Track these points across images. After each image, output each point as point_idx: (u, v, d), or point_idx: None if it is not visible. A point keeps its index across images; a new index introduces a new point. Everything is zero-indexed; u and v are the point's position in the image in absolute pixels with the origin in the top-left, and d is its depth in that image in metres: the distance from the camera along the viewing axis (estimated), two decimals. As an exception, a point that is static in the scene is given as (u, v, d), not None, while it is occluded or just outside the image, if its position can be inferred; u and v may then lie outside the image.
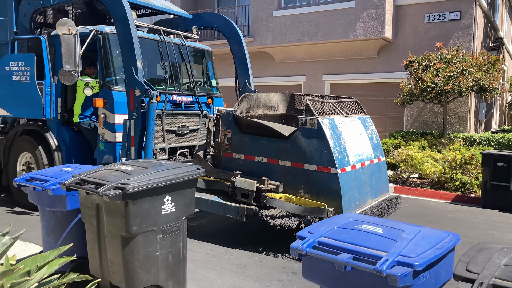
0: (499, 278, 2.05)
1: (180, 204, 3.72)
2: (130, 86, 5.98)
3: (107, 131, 6.38)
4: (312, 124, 5.21)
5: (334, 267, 2.44)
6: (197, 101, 7.45)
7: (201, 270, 4.76)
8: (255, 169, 5.61)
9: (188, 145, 7.22)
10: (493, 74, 11.07)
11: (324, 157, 5.11)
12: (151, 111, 5.85)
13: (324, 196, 5.11)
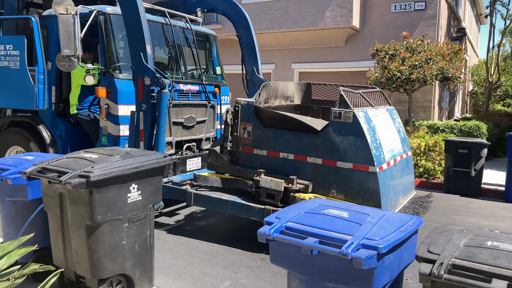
0: (458, 258, 2.12)
1: (147, 192, 3.67)
2: (138, 74, 5.35)
3: (110, 123, 5.79)
4: (347, 117, 4.69)
5: (301, 251, 2.46)
6: (204, 91, 6.81)
7: (169, 258, 4.73)
8: (279, 167, 5.11)
9: (194, 138, 6.64)
10: (456, 64, 11.38)
11: (361, 154, 4.62)
12: (163, 102, 5.23)
13: (359, 197, 4.65)
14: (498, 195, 8.14)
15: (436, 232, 2.46)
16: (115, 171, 3.34)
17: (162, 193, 5.02)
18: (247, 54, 7.26)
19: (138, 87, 5.36)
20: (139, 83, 5.35)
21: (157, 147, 5.23)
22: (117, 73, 5.82)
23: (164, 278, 4.22)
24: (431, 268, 2.08)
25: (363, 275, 2.32)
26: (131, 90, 5.66)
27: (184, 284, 4.11)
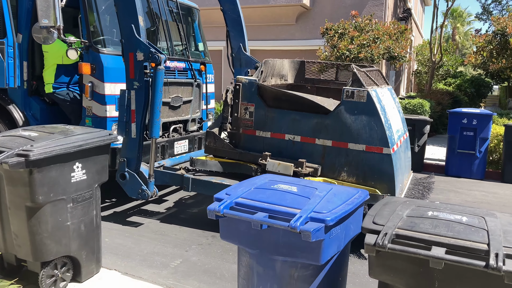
0: (401, 228, 2.20)
1: (92, 171, 3.54)
2: (129, 49, 4.78)
3: (95, 103, 5.25)
4: (360, 96, 4.45)
5: (251, 227, 2.45)
6: (190, 68, 6.40)
7: (118, 238, 4.62)
8: (285, 150, 4.84)
9: (181, 119, 6.24)
10: (402, 43, 11.71)
11: (374, 135, 4.43)
12: (158, 80, 4.72)
13: (372, 180, 4.49)
14: (439, 169, 8.56)
15: (381, 204, 2.54)
16: (56, 149, 3.18)
17: (155, 178, 4.91)
18: (233, 30, 6.75)
19: (129, 63, 4.81)
20: (130, 58, 4.80)
21: (151, 130, 4.74)
22: (102, 47, 5.28)
23: (113, 258, 4.13)
24: (375, 238, 2.15)
25: (311, 247, 2.35)
26: (118, 66, 5.21)
27: (134, 264, 4.04)
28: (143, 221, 5.17)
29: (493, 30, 11.67)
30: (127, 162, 4.85)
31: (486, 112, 8.10)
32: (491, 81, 17.79)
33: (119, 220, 5.17)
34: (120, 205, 5.72)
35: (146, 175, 4.84)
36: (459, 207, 2.45)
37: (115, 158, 5.20)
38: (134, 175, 4.83)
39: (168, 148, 5.82)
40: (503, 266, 1.88)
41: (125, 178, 4.86)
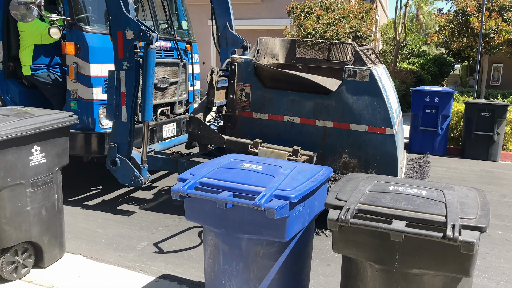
0: (363, 203, 2.23)
1: (52, 154, 3.42)
2: (117, 27, 4.45)
3: (81, 85, 4.90)
4: (363, 75, 4.34)
5: (216, 206, 2.44)
6: (176, 48, 6.08)
7: (82, 222, 4.53)
8: (283, 132, 4.69)
9: (168, 102, 5.93)
10: (367, 22, 11.81)
11: (377, 115, 4.33)
12: (150, 60, 4.43)
13: (375, 162, 4.42)
14: (403, 146, 8.76)
15: (344, 180, 2.57)
16: (12, 132, 3.06)
17: (148, 164, 4.68)
18: (218, 7, 6.37)
19: (118, 42, 4.50)
20: (118, 37, 4.49)
21: (144, 113, 4.48)
22: (87, 26, 4.92)
23: (77, 243, 4.04)
24: (338, 214, 2.17)
25: (276, 225, 2.37)
26: (104, 45, 4.94)
27: (99, 248, 3.97)
28: (109, 205, 5.07)
29: (455, 10, 11.91)
30: (118, 147, 4.60)
31: (448, 90, 8.31)
32: (453, 60, 18.26)
33: (83, 204, 5.06)
34: (81, 189, 5.60)
35: (138, 160, 4.63)
36: (419, 182, 2.51)
37: (103, 144, 4.95)
38: (125, 161, 4.60)
39: (156, 132, 5.60)
40: (459, 237, 1.95)
41: (116, 164, 4.62)
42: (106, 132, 4.94)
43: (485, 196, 2.37)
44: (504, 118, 7.96)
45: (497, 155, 8.06)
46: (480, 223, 2.03)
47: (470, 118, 8.12)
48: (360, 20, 11.61)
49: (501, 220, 5.01)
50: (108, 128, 4.92)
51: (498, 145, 8.03)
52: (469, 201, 2.24)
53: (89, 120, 4.93)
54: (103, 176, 6.14)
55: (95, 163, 5.78)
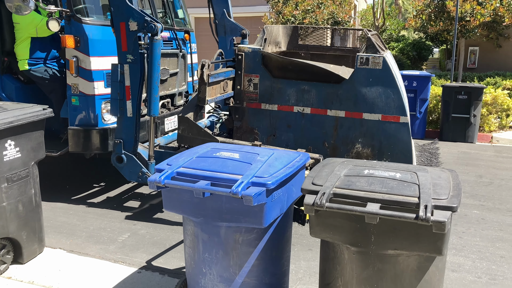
0: (339, 187, 2.26)
1: (27, 148, 3.37)
2: (120, 18, 4.25)
3: (82, 80, 4.71)
4: (376, 63, 4.22)
5: (193, 195, 2.43)
6: (175, 37, 5.86)
7: (62, 216, 4.48)
8: (294, 123, 4.56)
9: (168, 94, 5.71)
10: (345, 8, 11.82)
11: (391, 103, 4.23)
12: (155, 52, 4.24)
13: (389, 151, 4.32)
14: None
15: (320, 166, 2.59)
16: (-16, 127, 3.00)
17: (155, 159, 4.47)
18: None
19: (121, 34, 4.29)
20: (121, 29, 4.28)
21: (150, 107, 4.32)
22: (86, 17, 4.71)
23: (57, 237, 4.01)
24: (314, 198, 2.20)
25: (254, 212, 2.38)
26: (105, 38, 4.77)
27: (79, 241, 3.94)
28: (89, 198, 5.03)
29: (432, -6, 12.01)
30: (124, 143, 4.44)
31: (425, 74, 8.41)
32: (431, 44, 18.43)
33: (63, 197, 5.00)
34: (59, 183, 5.53)
35: (144, 156, 4.51)
36: (393, 165, 2.55)
37: (107, 140, 4.80)
38: (132, 157, 4.46)
39: (159, 125, 5.44)
40: (431, 217, 1.99)
41: (122, 161, 4.46)
42: (110, 128, 4.79)
43: (457, 177, 2.43)
44: (480, 100, 8.10)
45: (474, 136, 8.22)
46: (451, 203, 2.08)
47: (448, 101, 8.25)
48: (339, 6, 11.62)
49: (477, 199, 5.13)
50: (111, 124, 4.78)
51: (475, 127, 8.18)
52: (442, 182, 2.29)
53: (91, 116, 4.77)
54: (80, 170, 6.09)
55: (69, 158, 5.71)
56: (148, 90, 4.33)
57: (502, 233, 4.24)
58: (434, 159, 5.28)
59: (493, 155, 7.28)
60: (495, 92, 8.78)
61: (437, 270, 2.27)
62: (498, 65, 12.14)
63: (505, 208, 4.87)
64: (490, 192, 5.38)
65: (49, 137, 4.90)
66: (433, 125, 9.00)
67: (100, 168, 6.11)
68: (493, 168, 6.44)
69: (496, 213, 4.74)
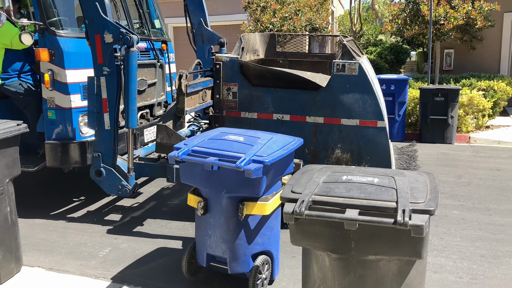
0: (318, 194, 2.26)
1: (1, 165, 3.30)
2: (95, 30, 4.22)
3: (58, 93, 4.64)
4: (352, 69, 4.30)
5: (204, 169, 2.97)
6: (152, 48, 5.86)
7: (41, 233, 4.39)
8: (274, 130, 4.44)
9: (147, 104, 5.67)
10: (323, 14, 11.94)
11: (368, 108, 4.31)
12: (131, 63, 4.20)
13: (368, 155, 4.40)
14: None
15: (299, 173, 2.60)
16: (-45, 145, 2.92)
17: (134, 171, 4.44)
18: (192, 4, 6.16)
19: (96, 46, 4.27)
20: (97, 41, 4.25)
21: (128, 119, 4.25)
22: (60, 30, 4.65)
23: (36, 255, 3.92)
24: (293, 206, 2.19)
25: (252, 183, 2.91)
26: (80, 50, 4.72)
27: (59, 258, 3.86)
28: (68, 213, 4.94)
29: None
30: (102, 156, 4.38)
31: (403, 77, 8.53)
32: (408, 48, 18.73)
33: (42, 214, 4.90)
34: (37, 199, 5.43)
35: (123, 168, 4.45)
36: (371, 169, 2.57)
37: (85, 153, 4.71)
38: (111, 170, 4.39)
39: (138, 136, 5.38)
40: (409, 221, 2.00)
41: (101, 174, 4.40)
42: (88, 141, 4.72)
43: (434, 180, 2.45)
44: (456, 101, 8.25)
45: (452, 137, 8.35)
46: (429, 206, 2.10)
47: (425, 103, 8.38)
48: (316, 13, 11.73)
49: (457, 200, 5.21)
50: (89, 137, 4.71)
51: (452, 128, 8.32)
52: (419, 186, 2.31)
53: (69, 129, 4.70)
54: (58, 184, 5.98)
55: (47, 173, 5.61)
56: (126, 102, 4.28)
57: (481, 232, 4.30)
58: (413, 162, 5.35)
59: (471, 155, 7.41)
60: (471, 93, 8.94)
61: (418, 273, 2.28)
62: (473, 67, 12.38)
63: (484, 208, 4.95)
64: (469, 192, 5.47)
65: (25, 152, 4.86)
66: (412, 127, 9.11)
67: (79, 182, 6.01)
68: (471, 168, 6.55)
69: (475, 212, 4.82)
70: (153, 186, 5.88)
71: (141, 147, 5.41)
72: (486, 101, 9.04)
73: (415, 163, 5.38)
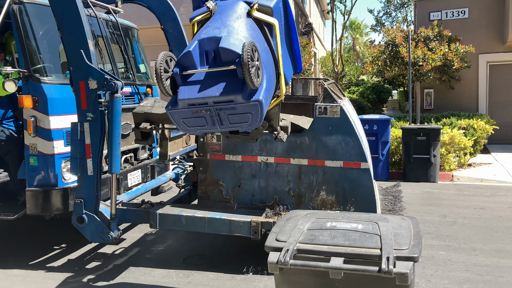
0: (302, 242, 2.25)
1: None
2: (79, 77, 4.25)
3: (40, 139, 4.62)
4: (334, 112, 4.37)
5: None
6: (137, 92, 5.90)
7: (19, 285, 4.21)
8: (258, 173, 4.59)
9: (130, 148, 5.62)
10: (305, 57, 12.24)
11: (351, 150, 4.35)
12: (116, 109, 4.19)
13: (352, 197, 4.39)
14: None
15: (284, 219, 2.59)
16: None
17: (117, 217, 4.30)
18: (177, 49, 6.21)
19: (81, 92, 4.26)
20: (81, 87, 4.25)
21: (111, 164, 4.19)
22: (44, 77, 4.68)
23: (13, 308, 3.76)
24: (278, 256, 2.17)
25: None
26: (64, 96, 4.72)
27: (37, 311, 3.71)
28: (48, 263, 4.79)
29: (385, 41, 12.62)
30: (85, 202, 4.27)
31: (385, 118, 8.70)
32: (389, 87, 19.21)
33: (20, 264, 4.74)
34: (16, 248, 5.26)
35: (106, 215, 4.33)
36: (355, 215, 2.57)
37: (67, 199, 4.62)
38: (93, 217, 4.27)
39: (122, 181, 5.29)
40: (394, 269, 2.00)
41: (83, 221, 4.25)
42: (70, 187, 4.65)
43: (417, 224, 2.46)
44: (438, 140, 8.40)
45: (436, 176, 8.45)
46: (412, 253, 2.10)
47: (408, 142, 8.51)
48: (299, 55, 12.02)
49: (443, 240, 5.20)
50: (72, 183, 4.64)
51: (435, 167, 8.43)
52: (402, 231, 2.32)
53: (51, 175, 4.62)
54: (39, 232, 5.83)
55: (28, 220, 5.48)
56: (109, 147, 4.24)
57: (468, 274, 4.28)
58: (398, 203, 5.38)
59: (455, 194, 7.48)
60: (452, 132, 9.13)
61: (405, 321, 2.25)
62: (452, 106, 12.71)
63: (470, 248, 4.95)
64: (454, 232, 5.48)
65: (5, 199, 4.76)
66: (396, 167, 9.20)
67: (61, 229, 5.87)
68: (455, 207, 6.59)
69: (462, 253, 4.81)
70: (137, 231, 5.77)
71: (125, 192, 5.33)
72: (467, 140, 9.23)
73: (400, 204, 5.41)
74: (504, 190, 7.70)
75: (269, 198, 4.63)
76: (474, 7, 12.68)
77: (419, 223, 2.52)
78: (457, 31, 12.31)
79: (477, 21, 12.63)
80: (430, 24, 12.44)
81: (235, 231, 4.25)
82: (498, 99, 12.87)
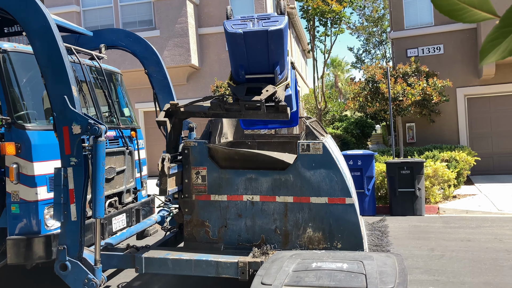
0: (288, 285, 2.24)
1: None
2: (63, 122, 4.25)
3: (23, 186, 4.59)
4: (316, 149, 4.44)
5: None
6: (121, 136, 5.96)
7: None
8: (244, 212, 4.60)
9: (115, 192, 5.66)
10: (288, 95, 12.44)
11: (335, 186, 4.40)
12: (99, 153, 4.20)
13: (339, 233, 4.36)
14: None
15: (269, 261, 2.57)
16: None
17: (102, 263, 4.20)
18: (161, 92, 6.40)
19: (64, 137, 4.26)
20: (64, 133, 4.25)
21: (95, 209, 4.15)
22: (27, 123, 4.68)
23: None
24: (264, 300, 2.14)
25: None
26: (47, 142, 4.71)
27: None
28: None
29: (365, 78, 12.95)
30: (68, 249, 4.16)
31: (368, 153, 8.81)
32: (372, 122, 19.54)
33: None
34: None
35: (90, 261, 4.22)
36: (340, 254, 2.58)
37: (50, 247, 4.52)
38: (77, 264, 4.15)
39: (106, 225, 5.21)
40: (380, 309, 1.98)
41: (66, 268, 4.14)
42: (53, 234, 4.55)
43: (402, 261, 2.47)
44: (422, 174, 8.50)
45: (422, 209, 8.50)
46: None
47: (393, 176, 8.59)
48: (282, 93, 12.22)
49: (432, 274, 5.18)
50: (55, 229, 4.55)
51: (421, 200, 8.49)
52: (387, 269, 2.32)
53: (34, 223, 4.54)
54: (19, 282, 5.65)
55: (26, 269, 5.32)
56: (93, 192, 4.20)
57: (459, 308, 4.25)
58: (385, 238, 5.38)
59: (442, 226, 7.51)
60: (435, 165, 9.27)
61: None
62: (434, 139, 12.97)
63: (459, 281, 4.94)
64: (443, 266, 5.47)
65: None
66: (382, 201, 9.24)
67: (43, 278, 5.69)
68: (443, 240, 6.60)
69: (451, 287, 4.79)
70: (122, 277, 5.63)
71: (109, 237, 5.24)
72: (450, 172, 9.36)
73: (387, 239, 5.41)
74: (489, 221, 7.77)
75: (256, 237, 4.59)
76: (448, 44, 13.18)
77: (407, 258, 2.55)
78: (434, 67, 12.74)
79: (452, 56, 13.10)
80: (407, 61, 12.87)
81: (222, 273, 4.18)
82: (478, 131, 13.18)
